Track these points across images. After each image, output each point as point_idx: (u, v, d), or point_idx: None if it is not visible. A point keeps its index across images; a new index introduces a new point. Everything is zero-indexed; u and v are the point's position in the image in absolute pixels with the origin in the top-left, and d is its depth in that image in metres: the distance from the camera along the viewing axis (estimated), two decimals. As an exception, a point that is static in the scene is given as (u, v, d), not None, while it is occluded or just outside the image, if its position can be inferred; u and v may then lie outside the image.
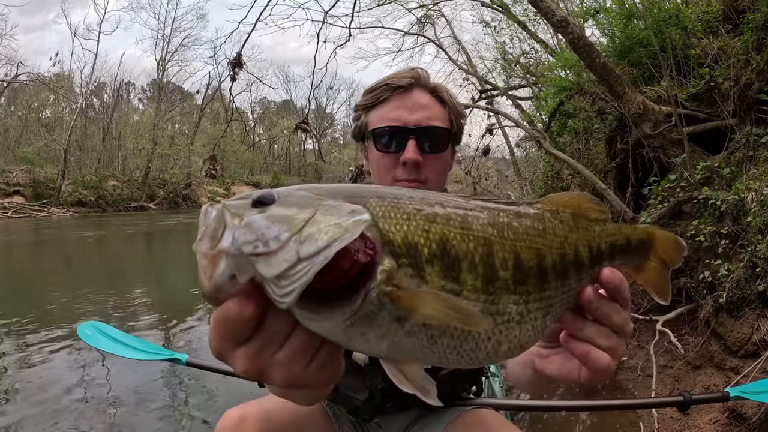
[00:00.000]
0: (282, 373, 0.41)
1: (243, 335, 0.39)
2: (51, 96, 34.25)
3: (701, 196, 3.21)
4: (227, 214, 0.37)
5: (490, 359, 0.45)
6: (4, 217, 21.50)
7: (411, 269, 0.38)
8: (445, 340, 0.41)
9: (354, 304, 0.36)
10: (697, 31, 4.30)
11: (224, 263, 0.36)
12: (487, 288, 0.42)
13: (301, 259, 0.35)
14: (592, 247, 0.51)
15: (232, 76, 6.59)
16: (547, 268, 0.46)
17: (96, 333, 1.77)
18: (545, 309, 0.47)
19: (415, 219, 0.40)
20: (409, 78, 1.06)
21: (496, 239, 0.43)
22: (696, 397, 1.32)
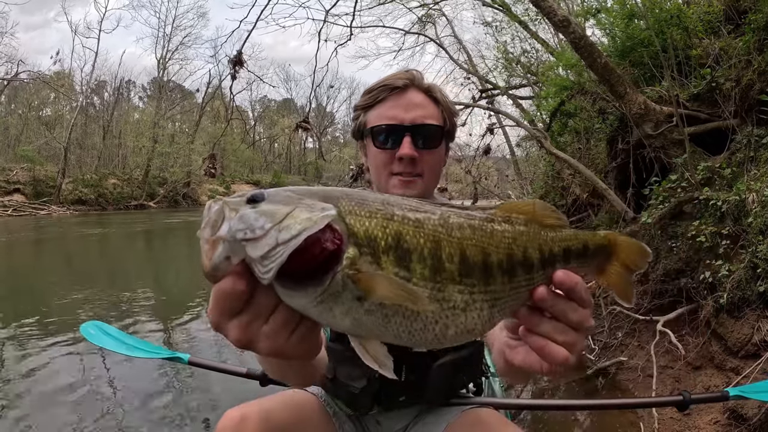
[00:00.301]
0: (267, 343, 0.48)
1: (235, 308, 0.47)
2: (51, 94, 34.26)
3: (702, 197, 3.21)
4: (226, 208, 0.46)
5: (439, 341, 0.51)
6: (4, 215, 21.52)
7: (370, 257, 0.46)
8: (398, 319, 0.47)
9: (324, 284, 0.44)
10: (698, 31, 4.29)
11: (221, 247, 0.44)
12: (434, 277, 0.48)
13: (279, 244, 0.43)
14: (543, 249, 0.55)
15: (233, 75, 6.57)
16: (493, 265, 0.52)
17: (99, 332, 1.77)
18: (491, 301, 0.52)
19: (375, 216, 0.47)
20: (404, 79, 1.12)
21: (444, 237, 0.49)
22: (695, 396, 1.33)
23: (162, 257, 11.31)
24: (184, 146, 36.11)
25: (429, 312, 0.48)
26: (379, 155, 1.13)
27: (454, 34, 16.05)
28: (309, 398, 1.29)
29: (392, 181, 1.13)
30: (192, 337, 4.50)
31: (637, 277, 3.84)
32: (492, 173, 17.59)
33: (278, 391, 1.34)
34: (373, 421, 1.36)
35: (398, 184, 1.13)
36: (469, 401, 1.28)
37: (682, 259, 3.29)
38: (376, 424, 1.36)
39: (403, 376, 1.15)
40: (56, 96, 34.23)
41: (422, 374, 1.17)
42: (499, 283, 0.52)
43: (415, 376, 1.16)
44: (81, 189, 27.64)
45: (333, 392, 1.26)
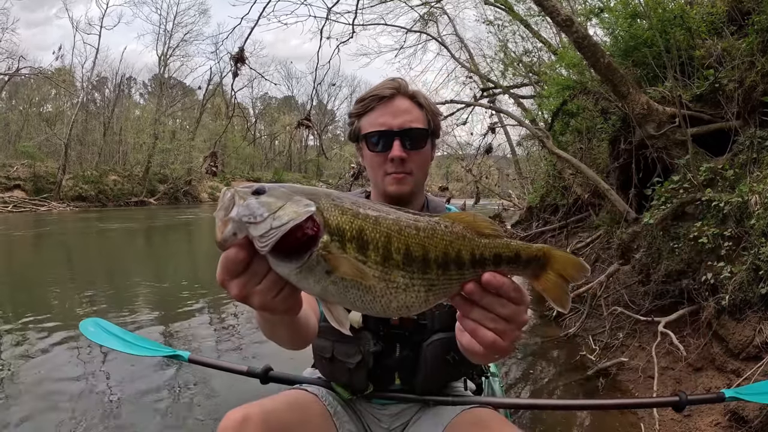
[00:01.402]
0: (259, 298, 0.63)
1: (237, 270, 0.61)
2: (52, 90, 34.21)
3: (704, 198, 3.20)
4: (236, 196, 0.60)
5: (384, 311, 0.64)
6: (4, 211, 21.52)
7: (338, 243, 0.60)
8: (354, 291, 0.62)
9: (303, 259, 0.59)
10: (701, 31, 4.28)
11: (230, 226, 0.59)
12: (384, 263, 0.62)
13: (273, 228, 0.58)
14: (474, 252, 0.67)
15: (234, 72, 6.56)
16: (430, 259, 0.64)
17: (98, 330, 1.76)
18: (427, 287, 0.65)
19: (345, 214, 0.62)
20: (391, 89, 1.26)
21: (395, 234, 0.63)
22: (692, 397, 1.34)
23: (162, 254, 11.32)
24: (184, 143, 36.07)
25: (377, 288, 0.62)
26: (374, 158, 1.28)
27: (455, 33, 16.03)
28: (310, 398, 1.30)
29: (387, 179, 1.28)
30: (192, 334, 4.50)
31: (639, 278, 3.84)
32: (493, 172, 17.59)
33: (279, 389, 1.36)
34: (374, 420, 1.37)
35: (392, 182, 1.27)
36: (469, 401, 1.30)
37: (683, 261, 3.28)
38: (376, 422, 1.37)
39: (397, 351, 1.27)
40: (57, 92, 34.17)
41: (415, 352, 1.27)
42: (434, 274, 0.65)
43: (408, 353, 1.27)
44: (81, 185, 27.63)
45: (331, 374, 1.35)
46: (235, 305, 5.61)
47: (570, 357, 3.90)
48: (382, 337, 1.27)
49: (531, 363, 3.91)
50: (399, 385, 1.30)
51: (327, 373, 1.37)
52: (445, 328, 1.28)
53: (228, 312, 5.35)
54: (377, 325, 1.26)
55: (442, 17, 15.39)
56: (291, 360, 3.84)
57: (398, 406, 1.37)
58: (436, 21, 15.42)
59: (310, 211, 0.59)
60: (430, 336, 1.26)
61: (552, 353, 4.10)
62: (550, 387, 3.45)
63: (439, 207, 1.43)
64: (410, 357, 1.27)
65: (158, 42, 37.84)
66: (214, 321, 4.97)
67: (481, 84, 13.64)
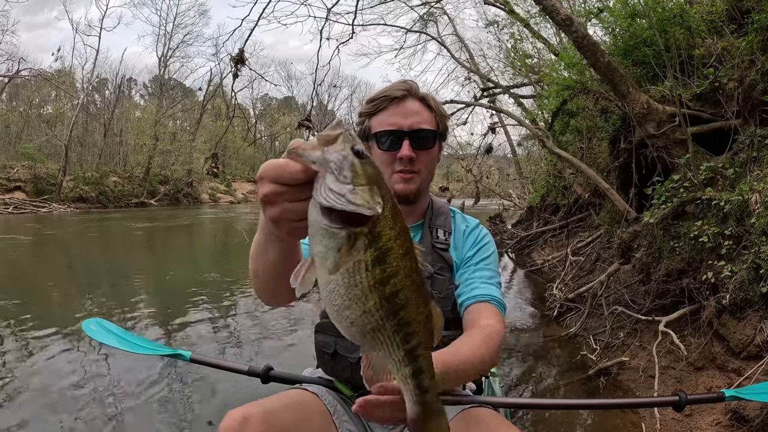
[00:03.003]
0: (278, 211, 0.64)
1: (283, 180, 0.62)
2: (52, 92, 34.22)
3: (705, 197, 3.20)
4: (344, 140, 0.62)
5: (334, 315, 0.66)
6: (5, 212, 21.55)
7: (365, 245, 0.62)
8: (336, 279, 0.63)
9: (335, 226, 0.60)
10: (701, 30, 4.28)
11: (318, 153, 0.60)
12: (375, 286, 0.63)
13: (343, 196, 0.59)
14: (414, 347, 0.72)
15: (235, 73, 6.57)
16: (399, 316, 0.67)
17: (101, 329, 1.76)
18: (375, 329, 0.67)
19: (391, 232, 0.63)
20: (402, 90, 1.29)
21: (401, 273, 0.64)
22: (692, 397, 1.34)
23: (163, 255, 11.32)
24: (185, 144, 36.08)
25: (351, 294, 0.63)
26: (383, 156, 1.30)
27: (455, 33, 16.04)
28: (311, 398, 1.30)
29: (394, 177, 1.30)
30: (194, 334, 4.50)
31: (640, 277, 3.84)
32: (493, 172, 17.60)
33: (280, 389, 1.36)
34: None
35: (399, 180, 1.30)
36: (469, 400, 1.30)
37: (684, 260, 3.28)
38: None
39: None
40: (57, 94, 34.18)
41: None
42: (389, 329, 0.67)
43: None
44: (82, 187, 27.63)
45: (333, 370, 1.36)
46: (236, 305, 5.62)
47: (571, 356, 3.90)
48: None
49: (532, 363, 3.91)
50: None
51: (329, 370, 1.38)
52: (448, 327, 1.28)
53: (229, 312, 5.36)
54: None
55: (442, 17, 15.41)
56: (292, 360, 3.85)
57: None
58: (436, 21, 15.44)
59: (377, 212, 0.61)
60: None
61: (553, 353, 4.10)
62: (551, 386, 3.45)
63: (442, 208, 1.44)
64: None
65: (158, 43, 37.96)
66: (215, 321, 4.98)
67: (482, 84, 13.65)
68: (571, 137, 7.68)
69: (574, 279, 5.72)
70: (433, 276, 1.31)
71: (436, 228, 1.37)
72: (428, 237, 1.36)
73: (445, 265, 1.34)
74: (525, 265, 8.52)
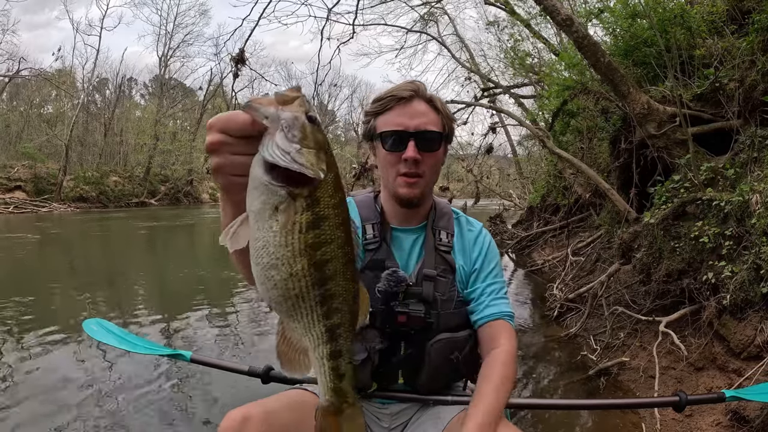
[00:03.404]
0: (219, 161, 0.65)
1: (230, 130, 0.63)
2: (53, 92, 34.20)
3: (705, 197, 3.19)
4: (300, 103, 0.62)
5: (258, 275, 0.65)
6: (5, 212, 21.55)
7: (303, 207, 0.62)
8: (265, 237, 0.62)
9: (276, 182, 0.60)
10: (701, 31, 4.28)
11: (272, 109, 0.61)
12: (305, 250, 0.63)
13: (289, 155, 0.59)
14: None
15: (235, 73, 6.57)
16: (325, 286, 0.66)
17: (101, 329, 1.77)
18: (297, 295, 0.66)
19: (331, 200, 0.63)
20: (410, 90, 1.27)
21: (334, 243, 0.64)
22: (692, 397, 1.34)
23: (163, 255, 11.32)
24: (185, 144, 36.08)
25: (278, 252, 0.62)
26: (388, 157, 1.28)
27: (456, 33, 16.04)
28: (311, 398, 1.30)
29: (398, 180, 1.28)
30: (194, 334, 4.50)
31: (640, 277, 3.84)
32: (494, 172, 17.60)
33: (280, 389, 1.36)
34: (374, 420, 1.38)
35: (403, 184, 1.28)
36: (469, 400, 1.30)
37: (684, 260, 3.28)
38: (376, 421, 1.37)
39: (401, 350, 1.28)
40: (58, 93, 34.17)
41: (420, 351, 1.28)
42: (311, 296, 0.65)
43: (413, 351, 1.28)
44: (82, 186, 27.64)
45: None
46: (237, 306, 5.62)
47: (571, 357, 3.90)
48: (387, 335, 1.27)
49: (532, 363, 3.91)
50: (402, 384, 1.31)
51: None
52: (450, 329, 1.30)
53: (230, 312, 5.36)
54: (383, 323, 1.27)
55: (442, 17, 15.41)
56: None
57: (399, 405, 1.37)
58: (436, 21, 15.44)
59: (319, 176, 0.61)
60: (435, 335, 1.28)
61: (553, 353, 4.10)
62: (552, 387, 3.45)
63: (445, 209, 1.44)
64: (414, 356, 1.28)
65: (158, 43, 37.89)
66: (215, 321, 4.98)
67: (482, 84, 13.65)
68: (571, 137, 7.68)
69: (575, 279, 5.71)
70: (436, 278, 1.30)
71: (439, 230, 1.37)
72: (431, 239, 1.35)
73: (447, 267, 1.34)
74: (525, 266, 8.52)
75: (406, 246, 1.36)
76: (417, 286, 1.28)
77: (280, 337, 0.71)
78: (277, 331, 0.71)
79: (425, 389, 1.31)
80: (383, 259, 1.30)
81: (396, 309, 1.25)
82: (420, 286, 1.28)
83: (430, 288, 1.29)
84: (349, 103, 54.81)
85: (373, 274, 1.28)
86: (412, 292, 1.27)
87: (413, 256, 1.35)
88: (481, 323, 1.32)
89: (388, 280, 1.26)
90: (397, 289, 1.26)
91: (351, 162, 27.02)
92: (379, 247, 1.32)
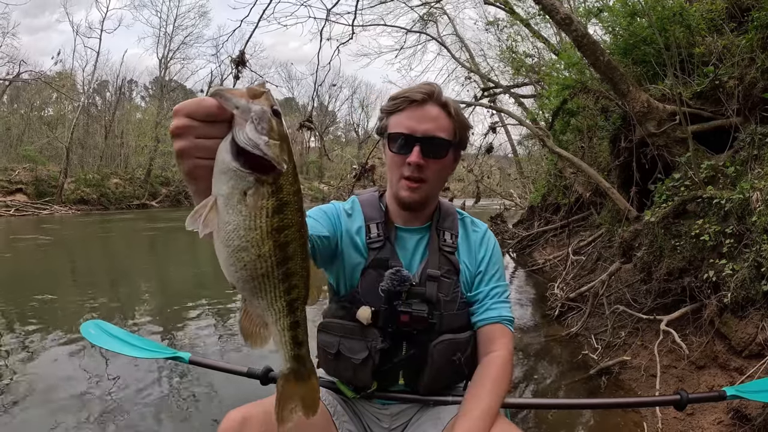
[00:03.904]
0: (183, 144, 0.66)
1: (196, 114, 0.64)
2: (53, 94, 34.23)
3: (706, 195, 3.19)
4: (268, 99, 0.66)
5: (227, 257, 0.68)
6: (6, 215, 21.57)
7: (267, 193, 0.66)
8: (233, 220, 0.66)
9: (246, 171, 0.64)
10: (701, 29, 4.27)
11: (243, 101, 0.64)
12: (269, 234, 0.67)
13: (257, 146, 0.63)
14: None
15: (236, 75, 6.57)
16: (288, 265, 0.72)
17: (99, 332, 1.76)
18: (261, 275, 0.70)
19: (290, 188, 0.68)
20: (423, 93, 1.25)
21: (294, 227, 0.69)
22: (693, 396, 1.34)
23: (163, 256, 11.33)
24: (186, 146, 35.99)
25: (243, 236, 0.66)
26: (393, 158, 1.29)
27: (456, 33, 16.05)
28: (311, 398, 1.29)
29: (401, 183, 1.28)
30: (193, 336, 4.50)
31: (641, 276, 3.84)
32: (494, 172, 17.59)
33: (280, 390, 1.35)
34: (374, 420, 1.37)
35: (405, 187, 1.28)
36: None
37: (685, 258, 3.27)
38: (376, 422, 1.37)
39: (403, 350, 1.28)
40: (58, 96, 34.21)
41: (422, 351, 1.28)
42: (274, 276, 0.70)
43: (415, 351, 1.28)
44: (83, 189, 27.66)
45: (335, 370, 1.35)
46: (237, 307, 5.61)
47: (572, 356, 3.89)
48: (389, 334, 1.27)
49: (533, 362, 3.90)
50: (402, 385, 1.31)
51: (331, 370, 1.37)
52: (452, 330, 1.29)
53: (228, 314, 5.36)
54: (386, 323, 1.26)
55: (442, 17, 15.41)
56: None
57: (399, 405, 1.37)
58: (435, 21, 15.45)
59: (283, 166, 0.66)
60: (437, 337, 1.27)
61: (554, 352, 4.09)
62: (553, 386, 3.44)
63: (450, 210, 1.43)
64: (416, 356, 1.28)
65: (158, 45, 37.88)
66: (214, 323, 4.98)
67: (482, 84, 13.66)
68: (571, 136, 7.68)
69: (576, 278, 5.71)
70: (439, 279, 1.30)
71: (443, 231, 1.37)
72: (435, 239, 1.35)
73: (451, 267, 1.33)
74: (526, 265, 8.51)
75: (410, 246, 1.36)
76: (420, 286, 1.28)
77: (243, 314, 0.76)
78: (240, 308, 0.76)
79: (426, 390, 1.31)
80: (387, 258, 1.30)
81: (399, 309, 1.25)
82: (423, 286, 1.28)
83: (433, 288, 1.28)
84: (350, 103, 54.85)
85: (376, 273, 1.28)
86: (415, 292, 1.27)
87: (417, 256, 1.35)
88: (480, 325, 1.32)
89: (391, 279, 1.25)
90: (400, 289, 1.25)
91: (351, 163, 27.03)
92: (383, 246, 1.31)
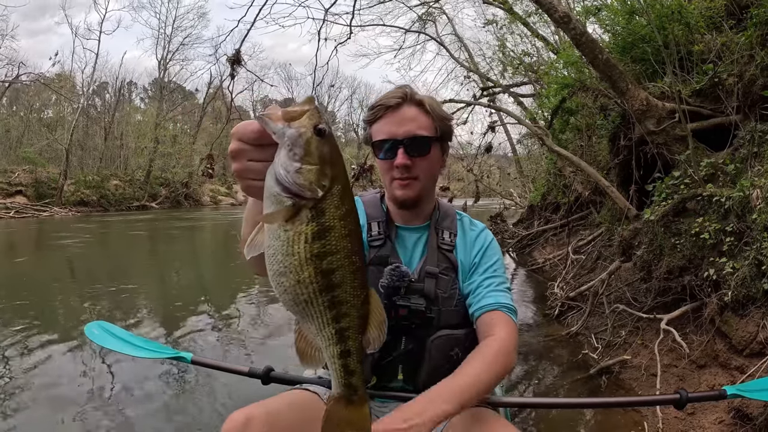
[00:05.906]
0: (237, 167, 0.70)
1: (244, 137, 0.69)
2: (53, 96, 34.20)
3: (705, 193, 3.18)
4: (310, 115, 0.64)
5: (272, 276, 0.69)
6: (6, 216, 21.54)
7: (308, 219, 0.65)
8: (276, 245, 0.66)
9: (285, 195, 0.64)
10: (700, 26, 4.27)
11: (279, 126, 0.63)
12: (312, 258, 0.67)
13: (288, 172, 0.63)
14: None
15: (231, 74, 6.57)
16: (334, 292, 0.71)
17: (103, 332, 1.76)
18: (306, 301, 0.70)
19: (334, 219, 0.66)
20: (397, 98, 1.29)
21: (341, 253, 0.68)
22: (693, 395, 1.33)
23: (164, 257, 11.33)
24: (186, 147, 36.09)
25: (287, 262, 0.66)
26: (382, 164, 1.34)
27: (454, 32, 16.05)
28: (312, 398, 1.30)
29: (394, 184, 1.33)
30: (195, 336, 4.50)
31: (641, 275, 3.83)
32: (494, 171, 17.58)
33: (281, 390, 1.37)
34: (374, 419, 1.37)
35: (398, 186, 1.32)
36: None
37: (685, 257, 3.27)
38: (375, 419, 1.37)
39: (402, 344, 1.30)
40: (57, 98, 34.18)
41: (420, 346, 1.30)
42: (320, 302, 0.69)
43: (413, 346, 1.30)
44: (83, 190, 27.62)
45: None
46: (238, 308, 5.62)
47: (572, 355, 3.89)
48: (389, 328, 1.27)
49: (533, 361, 3.90)
50: (401, 380, 1.32)
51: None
52: (450, 326, 1.31)
53: (230, 314, 5.36)
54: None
55: (440, 17, 15.41)
56: (292, 360, 3.85)
57: (398, 404, 1.37)
58: (434, 21, 15.44)
59: (316, 195, 0.64)
60: (435, 332, 1.30)
61: (554, 352, 4.09)
62: (552, 385, 3.44)
63: (449, 210, 1.46)
64: (415, 351, 1.30)
65: (158, 46, 37.82)
66: (216, 323, 4.98)
67: (481, 83, 13.66)
68: (570, 135, 7.67)
69: (576, 277, 5.71)
70: (437, 275, 1.33)
71: (442, 229, 1.40)
72: (434, 238, 1.38)
73: (449, 265, 1.36)
74: (526, 264, 8.51)
75: (409, 244, 1.39)
76: (419, 282, 1.31)
77: (297, 335, 0.76)
78: (294, 330, 0.76)
79: (424, 387, 1.30)
80: (387, 255, 1.34)
81: (397, 303, 1.27)
82: (422, 282, 1.31)
83: (431, 285, 1.31)
84: (349, 104, 54.84)
85: (376, 270, 1.31)
86: (414, 287, 1.30)
87: (416, 254, 1.38)
88: (478, 314, 1.30)
89: (390, 274, 1.28)
90: (399, 284, 1.28)
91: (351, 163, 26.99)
92: (384, 244, 1.35)
